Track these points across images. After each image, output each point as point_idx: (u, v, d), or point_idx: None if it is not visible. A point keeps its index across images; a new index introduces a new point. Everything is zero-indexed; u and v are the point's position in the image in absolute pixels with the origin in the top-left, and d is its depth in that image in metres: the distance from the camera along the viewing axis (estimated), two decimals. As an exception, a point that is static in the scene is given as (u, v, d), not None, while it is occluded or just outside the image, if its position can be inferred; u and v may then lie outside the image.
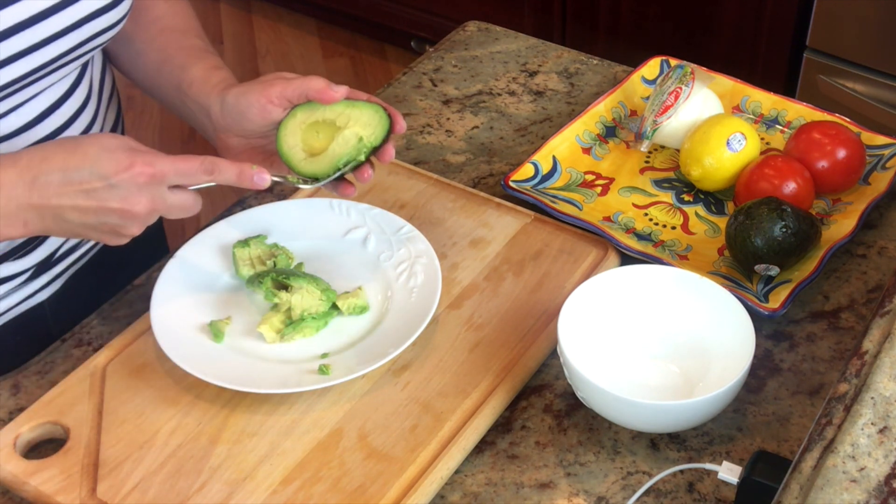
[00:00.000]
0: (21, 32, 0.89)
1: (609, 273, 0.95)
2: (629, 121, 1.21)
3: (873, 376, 0.68)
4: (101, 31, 0.96)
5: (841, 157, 1.08)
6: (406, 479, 0.84)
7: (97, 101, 1.06)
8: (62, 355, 0.98)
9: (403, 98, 1.29)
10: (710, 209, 1.11)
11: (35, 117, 0.97)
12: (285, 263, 0.99)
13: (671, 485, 0.86)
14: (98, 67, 1.07)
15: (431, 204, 1.10)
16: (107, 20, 0.96)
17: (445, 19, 2.71)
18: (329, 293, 0.96)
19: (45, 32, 0.91)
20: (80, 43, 0.95)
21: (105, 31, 0.97)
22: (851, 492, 0.61)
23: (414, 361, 0.94)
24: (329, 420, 0.89)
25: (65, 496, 0.83)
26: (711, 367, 0.91)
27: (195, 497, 0.84)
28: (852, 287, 1.02)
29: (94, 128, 1.05)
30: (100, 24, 0.95)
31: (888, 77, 2.04)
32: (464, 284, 1.01)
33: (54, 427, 0.89)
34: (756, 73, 2.25)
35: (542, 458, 0.88)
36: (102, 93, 1.07)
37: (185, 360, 0.90)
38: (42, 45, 0.91)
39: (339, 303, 0.96)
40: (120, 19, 0.98)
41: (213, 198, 0.96)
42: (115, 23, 0.98)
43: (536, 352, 0.94)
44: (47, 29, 0.91)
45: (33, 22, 0.89)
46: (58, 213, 0.85)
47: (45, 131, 0.98)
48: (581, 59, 1.34)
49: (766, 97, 1.21)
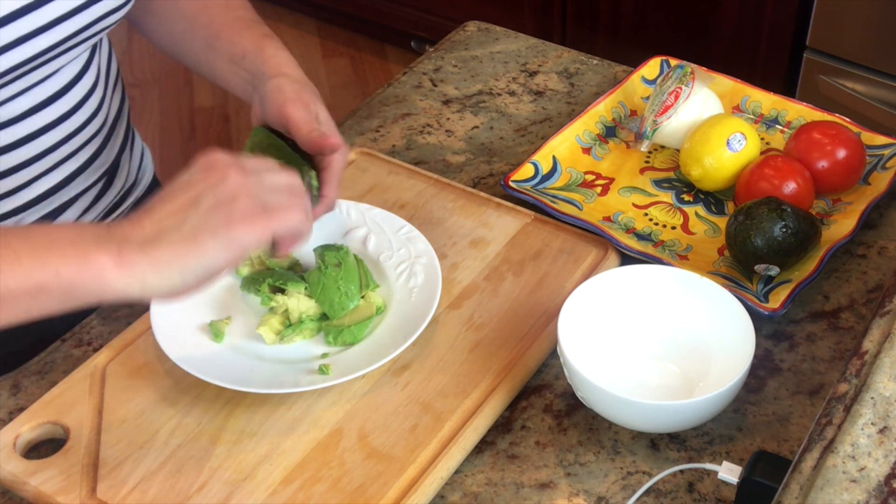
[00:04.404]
0: (25, 16, 0.89)
1: (609, 273, 0.95)
2: (629, 121, 1.21)
3: (873, 376, 0.68)
4: (106, 14, 0.96)
5: (841, 157, 1.08)
6: (406, 479, 0.84)
7: (104, 86, 1.06)
8: (62, 355, 0.98)
9: (403, 98, 1.29)
10: (710, 209, 1.11)
11: (41, 101, 0.97)
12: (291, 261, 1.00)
13: (671, 485, 0.86)
14: (105, 52, 1.07)
15: (431, 204, 1.10)
16: (108, 4, 0.96)
17: (445, 19, 2.71)
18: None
19: (51, 15, 0.91)
20: (86, 26, 0.95)
21: (110, 13, 0.97)
22: (851, 492, 0.61)
23: (414, 361, 0.94)
24: (329, 420, 0.89)
25: (65, 496, 0.83)
26: (711, 367, 0.91)
27: (195, 497, 0.84)
28: (852, 287, 1.02)
29: (100, 113, 1.05)
30: (104, 7, 0.96)
31: (888, 77, 2.04)
32: (464, 284, 1.01)
33: (54, 427, 0.89)
34: (756, 73, 2.25)
35: (542, 458, 0.88)
36: (109, 78, 1.08)
37: (185, 360, 0.90)
38: (46, 29, 0.91)
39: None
40: (123, 3, 0.98)
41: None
42: (121, 5, 0.98)
43: (536, 352, 0.94)
44: (53, 12, 0.91)
45: (38, 5, 0.90)
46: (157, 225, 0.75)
47: (51, 116, 0.98)
48: (581, 59, 1.34)
49: (766, 97, 1.21)
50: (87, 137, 1.04)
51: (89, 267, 0.73)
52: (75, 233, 0.75)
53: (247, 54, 0.99)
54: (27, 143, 0.98)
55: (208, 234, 0.74)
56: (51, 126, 0.99)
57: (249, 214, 0.75)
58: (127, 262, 0.73)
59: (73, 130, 1.02)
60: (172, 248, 0.74)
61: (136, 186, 1.19)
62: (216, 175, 0.76)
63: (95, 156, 1.07)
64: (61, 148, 1.02)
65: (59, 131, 1.00)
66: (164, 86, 2.95)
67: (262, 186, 0.77)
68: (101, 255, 0.73)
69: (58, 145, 1.01)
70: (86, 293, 0.74)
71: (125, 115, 1.15)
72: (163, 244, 0.74)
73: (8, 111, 0.95)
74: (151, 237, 0.74)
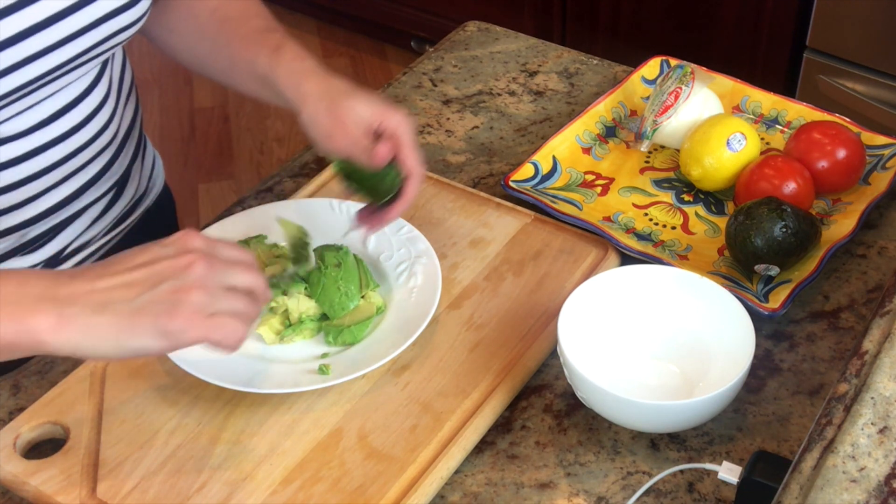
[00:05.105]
0: (38, 33, 0.88)
1: (609, 273, 0.95)
2: (629, 121, 1.21)
3: (873, 376, 0.68)
4: (119, 31, 0.96)
5: (841, 157, 1.08)
6: (406, 479, 0.84)
7: (116, 99, 1.05)
8: (62, 355, 0.98)
9: (403, 98, 1.29)
10: (710, 209, 1.11)
11: (47, 117, 0.96)
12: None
13: (671, 485, 0.86)
14: (118, 63, 1.06)
15: (431, 204, 1.10)
16: (125, 19, 0.95)
17: (445, 19, 2.71)
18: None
19: (62, 33, 0.90)
20: (97, 43, 0.94)
21: (123, 30, 0.96)
22: (851, 492, 0.61)
23: (414, 361, 0.94)
24: (329, 420, 0.89)
25: (65, 496, 0.83)
26: (711, 367, 0.91)
27: (195, 497, 0.84)
28: (852, 287, 1.02)
29: (110, 126, 1.04)
30: (118, 24, 0.95)
31: (888, 77, 2.04)
32: (464, 284, 1.01)
33: (54, 427, 0.89)
34: (756, 73, 2.25)
35: (542, 458, 0.88)
36: (122, 90, 1.07)
37: (185, 360, 0.90)
38: (58, 46, 0.90)
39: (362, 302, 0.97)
40: (139, 18, 0.97)
41: (213, 198, 0.96)
42: (134, 21, 0.97)
43: (536, 352, 0.94)
44: (64, 29, 0.90)
45: (50, 23, 0.89)
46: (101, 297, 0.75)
47: (58, 131, 0.97)
48: (581, 59, 1.34)
49: (766, 97, 1.21)
50: (96, 151, 1.03)
51: (26, 330, 0.74)
52: (19, 290, 0.75)
53: (267, 75, 0.99)
54: (33, 158, 0.96)
55: (149, 320, 0.74)
56: (57, 141, 0.97)
57: (192, 315, 0.74)
58: (64, 327, 0.74)
59: (81, 145, 1.00)
60: (111, 322, 0.74)
61: (147, 196, 1.18)
62: (184, 261, 0.76)
63: (105, 169, 1.05)
64: (69, 162, 1.00)
65: (65, 146, 0.99)
66: (164, 86, 2.95)
67: (222, 286, 0.77)
68: (38, 317, 0.74)
69: (65, 160, 0.99)
70: (23, 350, 0.76)
71: (138, 124, 1.13)
72: (106, 314, 0.74)
73: (12, 127, 0.93)
74: (97, 305, 0.74)
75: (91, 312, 0.74)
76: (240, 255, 0.80)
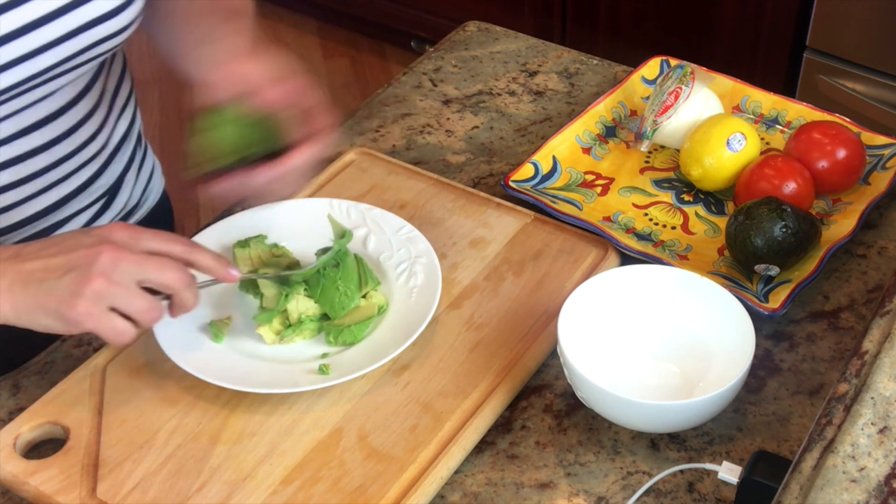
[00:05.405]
0: (19, 38, 0.87)
1: (609, 273, 0.95)
2: (629, 121, 1.21)
3: (873, 376, 0.68)
4: (104, 39, 0.94)
5: (841, 157, 1.08)
6: (406, 479, 0.84)
7: (107, 110, 1.03)
8: (62, 355, 0.98)
9: (403, 98, 1.29)
10: (710, 209, 1.11)
11: (31, 124, 0.95)
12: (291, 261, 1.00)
13: (671, 485, 0.86)
14: (115, 75, 1.05)
15: (431, 204, 1.10)
16: (110, 27, 0.93)
17: (445, 19, 2.71)
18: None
19: (43, 39, 0.88)
20: (80, 50, 0.92)
21: (108, 38, 0.94)
22: (851, 492, 0.61)
23: (414, 361, 0.94)
24: (329, 420, 0.89)
25: (65, 496, 0.83)
26: (711, 367, 0.91)
27: (195, 497, 0.84)
28: (852, 287, 1.02)
29: (98, 137, 1.02)
30: (102, 31, 0.93)
31: (888, 77, 2.04)
32: (464, 284, 1.01)
33: (54, 427, 0.89)
34: (756, 73, 2.25)
35: (542, 458, 0.88)
36: (115, 102, 1.05)
37: (185, 360, 0.90)
38: (39, 52, 0.89)
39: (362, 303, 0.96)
40: (125, 26, 0.95)
41: (213, 198, 0.96)
42: (120, 30, 0.95)
43: (536, 352, 0.94)
44: (45, 35, 0.88)
45: (32, 28, 0.87)
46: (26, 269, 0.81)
47: (41, 140, 0.96)
48: (581, 59, 1.34)
49: (766, 97, 1.21)
50: (82, 161, 1.02)
51: None
52: None
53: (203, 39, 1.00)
54: (15, 165, 0.96)
55: (53, 305, 0.80)
56: (40, 150, 0.97)
57: (90, 306, 0.80)
58: None
59: (66, 154, 0.99)
60: (27, 300, 0.80)
61: (140, 207, 1.16)
62: (94, 251, 0.80)
63: (93, 179, 1.05)
64: (53, 171, 0.99)
65: (49, 155, 0.98)
66: (164, 86, 2.95)
67: (132, 279, 0.81)
68: None
69: (49, 168, 0.99)
70: None
71: (134, 136, 1.12)
72: (26, 292, 0.81)
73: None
74: (21, 283, 0.81)
75: (16, 288, 0.80)
76: (166, 248, 0.83)
